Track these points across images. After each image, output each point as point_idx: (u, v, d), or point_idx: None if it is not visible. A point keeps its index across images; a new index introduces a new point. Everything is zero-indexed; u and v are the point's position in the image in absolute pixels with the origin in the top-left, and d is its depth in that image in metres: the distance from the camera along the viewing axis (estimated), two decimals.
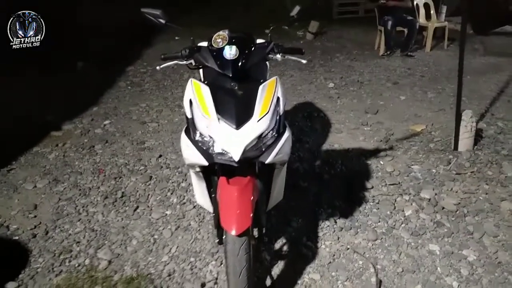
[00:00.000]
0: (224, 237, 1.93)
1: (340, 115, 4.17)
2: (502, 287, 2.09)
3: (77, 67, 5.53)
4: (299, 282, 2.13)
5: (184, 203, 2.76)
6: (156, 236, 2.45)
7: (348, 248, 2.35)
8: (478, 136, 3.46)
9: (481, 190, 2.84)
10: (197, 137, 1.80)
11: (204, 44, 2.00)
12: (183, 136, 1.85)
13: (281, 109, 1.88)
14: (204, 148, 1.77)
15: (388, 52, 6.06)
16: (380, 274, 2.17)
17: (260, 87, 1.85)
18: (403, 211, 2.65)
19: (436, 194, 2.79)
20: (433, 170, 3.11)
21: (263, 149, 1.78)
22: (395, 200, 2.76)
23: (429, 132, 3.74)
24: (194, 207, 2.70)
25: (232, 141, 1.70)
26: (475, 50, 6.24)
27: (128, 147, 3.53)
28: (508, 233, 2.44)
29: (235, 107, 1.77)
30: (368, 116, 4.14)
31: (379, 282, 2.12)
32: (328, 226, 2.53)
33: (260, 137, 1.75)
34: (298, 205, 2.69)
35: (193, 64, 2.00)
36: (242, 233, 1.71)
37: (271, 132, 1.80)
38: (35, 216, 2.65)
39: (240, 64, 1.86)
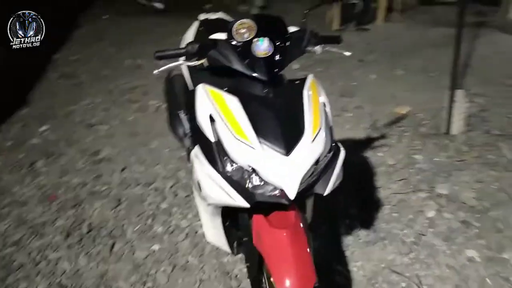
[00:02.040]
0: None
1: None
2: None
3: None
4: None
5: (173, 231, 2.23)
6: (149, 284, 1.92)
7: (384, 267, 2.02)
8: None
9: (490, 178, 2.65)
10: (229, 169, 1.31)
11: (220, 36, 1.47)
12: (207, 167, 1.33)
13: (330, 119, 1.45)
14: (240, 184, 1.29)
15: (343, 27, 5.78)
16: None
17: (305, 92, 1.39)
18: (424, 212, 2.37)
19: (450, 187, 2.55)
20: (436, 159, 2.87)
21: (317, 176, 1.35)
22: (411, 200, 2.47)
23: (414, 114, 3.51)
24: (186, 236, 2.19)
25: (283, 173, 1.24)
26: (426, 22, 6.17)
27: (80, 160, 2.86)
28: None
29: (279, 123, 1.30)
30: (345, 100, 3.81)
31: None
32: (352, 241, 2.17)
33: (317, 163, 1.31)
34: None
35: (206, 64, 1.46)
36: None
37: (326, 153, 1.37)
38: None
39: (276, 62, 1.38)
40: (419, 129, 3.28)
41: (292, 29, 1.50)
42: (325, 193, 1.35)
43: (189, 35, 2.28)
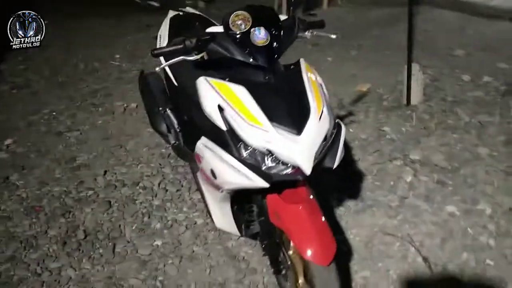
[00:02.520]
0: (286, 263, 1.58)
1: None
2: None
3: None
4: (352, 285, 1.88)
5: (171, 225, 2.25)
6: (160, 278, 1.94)
7: (377, 231, 2.17)
8: None
9: (453, 141, 2.90)
10: (244, 153, 1.38)
11: (216, 29, 1.52)
12: (224, 154, 1.39)
13: (327, 98, 1.55)
14: (257, 166, 1.37)
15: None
16: (422, 251, 2.05)
17: (304, 75, 1.48)
18: (402, 177, 2.56)
19: (421, 153, 2.76)
20: (402, 129, 3.08)
21: (326, 152, 1.45)
22: (389, 168, 2.65)
23: (374, 90, 3.72)
24: (186, 228, 2.22)
25: (298, 152, 1.32)
26: (366, 4, 6.46)
27: (57, 169, 2.77)
28: (499, 178, 2.52)
29: (287, 106, 1.39)
30: None
31: (427, 260, 1.99)
32: (344, 212, 2.31)
33: (325, 139, 1.41)
34: None
35: (206, 57, 1.51)
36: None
37: (332, 129, 1.47)
38: None
39: (274, 50, 1.46)
40: (382, 103, 3.49)
41: (282, 17, 1.58)
42: (334, 166, 1.46)
43: (164, 32, 2.29)
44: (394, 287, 1.88)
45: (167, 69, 2.18)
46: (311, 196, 1.51)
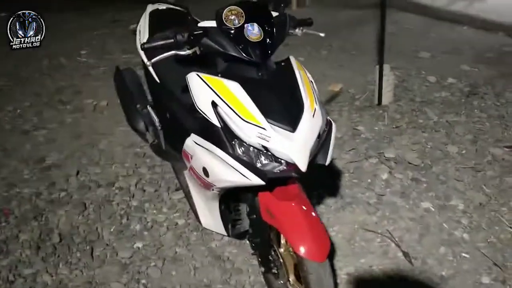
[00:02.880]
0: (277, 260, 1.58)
1: None
2: (498, 225, 2.24)
3: None
4: (338, 281, 1.91)
5: (152, 227, 2.19)
6: (144, 281, 1.88)
7: (357, 228, 2.21)
8: None
9: (424, 139, 3.00)
10: (239, 151, 1.36)
11: (209, 23, 1.48)
12: (219, 152, 1.37)
13: (318, 95, 1.55)
14: (252, 163, 1.35)
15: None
16: (401, 246, 2.11)
17: (296, 72, 1.48)
18: (378, 175, 2.62)
19: (395, 151, 2.84)
20: (375, 128, 3.16)
21: (318, 149, 1.46)
22: (365, 166, 2.71)
23: (346, 90, 3.79)
24: (167, 229, 2.17)
25: (293, 149, 1.32)
26: (334, 5, 6.58)
27: (25, 170, 2.64)
28: (468, 174, 2.63)
29: (281, 103, 1.38)
30: None
31: (407, 255, 2.05)
32: (325, 209, 2.34)
33: (319, 136, 1.41)
34: None
35: (198, 52, 1.47)
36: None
37: (324, 127, 1.48)
38: None
39: (268, 46, 1.45)
40: (354, 103, 3.56)
41: (273, 14, 1.57)
42: (327, 163, 1.47)
43: (144, 27, 2.23)
44: (377, 282, 1.92)
45: (151, 70, 2.12)
46: (302, 193, 1.51)
